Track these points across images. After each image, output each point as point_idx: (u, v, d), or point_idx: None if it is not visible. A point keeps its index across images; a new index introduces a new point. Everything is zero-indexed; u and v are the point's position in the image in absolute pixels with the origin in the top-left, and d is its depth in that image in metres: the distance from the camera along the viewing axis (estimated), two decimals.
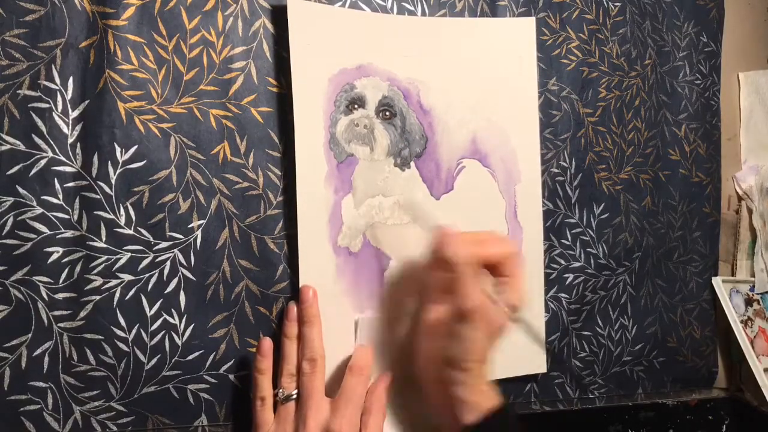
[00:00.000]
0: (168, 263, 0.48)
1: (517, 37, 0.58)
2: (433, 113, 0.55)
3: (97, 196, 0.46)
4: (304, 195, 0.49)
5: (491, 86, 0.57)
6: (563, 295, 0.63)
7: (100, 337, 0.46)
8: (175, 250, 0.48)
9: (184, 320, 0.48)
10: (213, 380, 0.49)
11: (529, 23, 0.59)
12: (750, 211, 0.74)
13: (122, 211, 0.46)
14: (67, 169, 0.45)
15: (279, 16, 0.51)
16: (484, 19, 0.59)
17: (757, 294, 0.74)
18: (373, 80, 0.52)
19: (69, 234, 0.45)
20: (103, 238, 0.46)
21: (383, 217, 0.52)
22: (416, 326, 0.46)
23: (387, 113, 0.52)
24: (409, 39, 0.54)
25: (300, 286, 0.49)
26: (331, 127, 0.50)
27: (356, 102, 0.51)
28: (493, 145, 0.57)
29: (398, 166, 0.53)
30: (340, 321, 0.50)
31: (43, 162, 0.44)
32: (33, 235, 0.44)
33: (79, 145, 0.45)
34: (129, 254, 0.46)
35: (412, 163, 0.53)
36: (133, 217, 0.47)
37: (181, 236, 0.48)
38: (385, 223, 0.52)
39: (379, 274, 0.52)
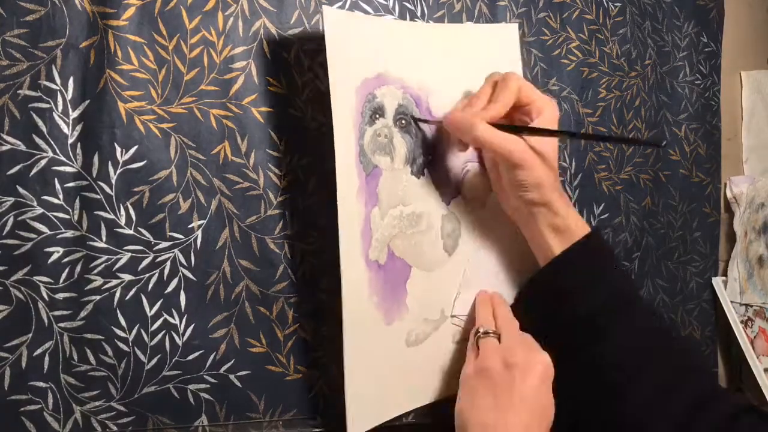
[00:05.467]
0: (168, 263, 0.48)
1: (504, 42, 0.58)
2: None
3: (98, 196, 0.46)
4: (343, 211, 0.46)
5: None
6: None
7: (101, 337, 0.46)
8: (176, 250, 0.48)
9: (184, 320, 0.48)
10: (213, 380, 0.49)
11: (513, 29, 0.59)
12: (733, 215, 0.74)
13: (122, 211, 0.46)
14: (68, 169, 0.45)
15: (281, 19, 0.51)
16: (473, 25, 0.59)
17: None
18: (390, 89, 0.51)
19: (69, 234, 0.45)
20: (104, 238, 0.46)
21: (403, 227, 0.51)
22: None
23: (403, 121, 0.51)
24: (416, 45, 0.53)
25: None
26: (360, 139, 0.49)
27: (377, 112, 0.50)
28: None
29: (414, 175, 0.52)
30: (373, 335, 0.48)
31: (43, 162, 0.44)
32: (33, 235, 0.44)
33: (79, 145, 0.45)
34: (129, 254, 0.46)
35: (426, 171, 0.53)
36: (134, 217, 0.47)
37: (182, 236, 0.48)
38: (405, 232, 0.51)
39: (402, 284, 0.51)
